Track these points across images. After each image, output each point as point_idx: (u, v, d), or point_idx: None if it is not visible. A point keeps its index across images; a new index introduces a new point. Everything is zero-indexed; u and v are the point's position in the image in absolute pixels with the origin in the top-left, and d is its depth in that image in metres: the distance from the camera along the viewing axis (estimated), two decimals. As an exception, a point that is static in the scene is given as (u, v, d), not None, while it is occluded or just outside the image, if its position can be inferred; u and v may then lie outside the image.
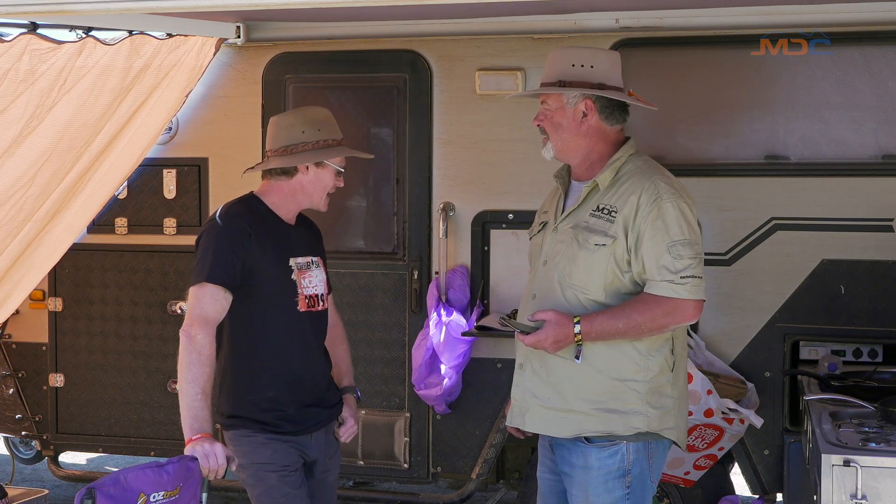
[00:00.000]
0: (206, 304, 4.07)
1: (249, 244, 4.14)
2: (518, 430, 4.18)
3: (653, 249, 3.86)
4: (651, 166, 4.03)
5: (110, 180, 5.91)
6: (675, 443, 4.05)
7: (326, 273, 4.43)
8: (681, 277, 3.84)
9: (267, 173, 4.30)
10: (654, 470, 4.03)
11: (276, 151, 4.24)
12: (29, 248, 5.69)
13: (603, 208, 3.95)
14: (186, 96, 5.93)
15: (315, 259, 4.35)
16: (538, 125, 4.07)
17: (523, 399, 4.07)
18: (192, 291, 4.11)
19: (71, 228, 5.92)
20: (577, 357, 3.91)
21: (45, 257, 5.90)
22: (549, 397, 3.99)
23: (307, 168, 4.23)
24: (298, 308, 4.23)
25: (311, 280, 4.29)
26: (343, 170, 4.30)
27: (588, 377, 3.93)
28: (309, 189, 4.26)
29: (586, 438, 3.95)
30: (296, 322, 4.23)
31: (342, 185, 4.33)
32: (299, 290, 4.23)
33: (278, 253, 4.22)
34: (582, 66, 4.00)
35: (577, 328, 3.86)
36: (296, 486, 4.20)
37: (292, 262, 4.25)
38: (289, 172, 4.24)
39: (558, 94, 3.99)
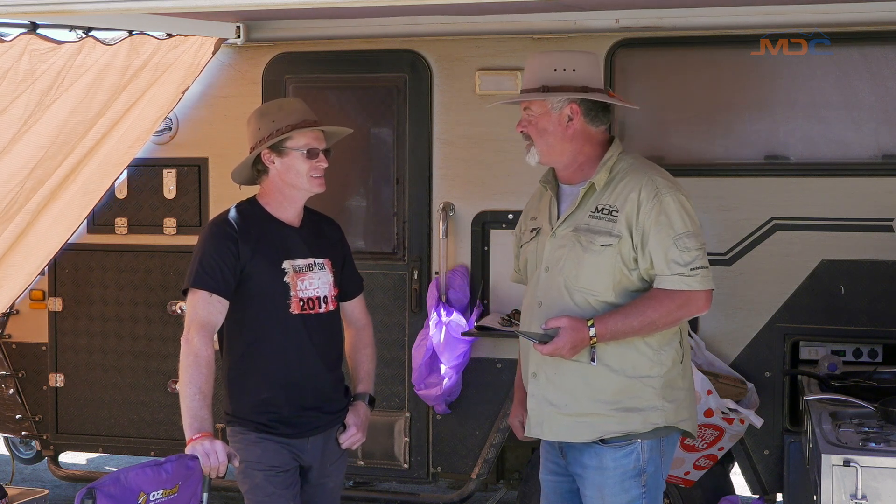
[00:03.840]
0: (198, 309, 4.12)
1: (236, 248, 4.16)
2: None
3: (660, 245, 3.87)
4: (643, 163, 4.04)
5: (103, 174, 5.90)
6: (688, 433, 4.06)
7: (335, 274, 4.36)
8: (691, 269, 3.85)
9: (256, 177, 4.32)
10: (666, 467, 4.05)
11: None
12: (22, 241, 5.69)
13: (602, 208, 3.95)
14: (183, 93, 5.91)
15: (319, 261, 4.32)
16: (522, 131, 4.06)
17: (539, 409, 4.03)
18: (187, 299, 4.18)
19: (63, 219, 5.91)
20: (593, 359, 3.91)
21: (40, 252, 5.89)
22: (566, 403, 3.97)
23: (272, 161, 4.23)
24: (291, 310, 4.22)
25: (311, 282, 4.27)
26: (312, 149, 4.21)
27: (603, 378, 3.93)
28: (288, 179, 4.24)
29: (601, 439, 3.95)
30: (289, 325, 4.22)
31: (325, 163, 4.25)
32: (293, 293, 4.22)
33: (271, 255, 4.21)
34: (564, 69, 3.98)
35: (592, 331, 3.86)
36: (282, 486, 4.19)
37: (287, 264, 4.23)
38: (265, 171, 4.26)
39: (542, 99, 3.98)
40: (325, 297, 4.31)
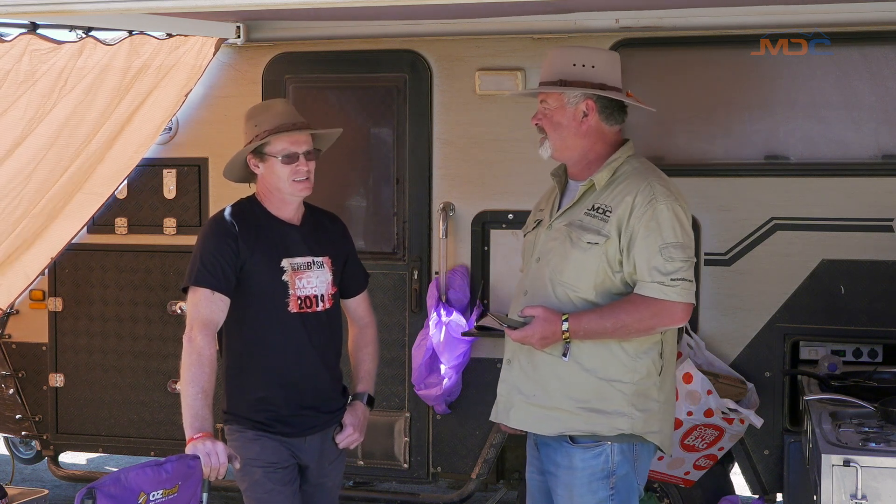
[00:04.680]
0: (200, 308, 4.10)
1: (236, 246, 4.15)
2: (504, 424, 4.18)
3: (645, 250, 3.86)
4: (648, 168, 4.02)
5: (108, 177, 5.92)
6: (658, 448, 4.03)
7: (335, 272, 4.35)
8: (671, 279, 3.83)
9: (251, 177, 4.33)
10: (640, 472, 4.02)
11: None
12: (25, 243, 5.70)
13: (598, 207, 3.95)
14: (186, 96, 5.92)
15: (319, 259, 4.31)
16: (536, 124, 4.07)
17: (508, 395, 4.07)
18: (188, 297, 4.16)
19: (69, 224, 5.92)
20: (565, 355, 3.91)
21: (41, 252, 5.90)
22: (535, 394, 3.98)
23: (257, 166, 4.23)
24: (289, 309, 4.21)
25: (310, 281, 4.26)
26: (288, 154, 4.15)
27: (574, 376, 3.93)
28: (271, 183, 4.23)
29: (571, 438, 3.95)
30: (287, 323, 4.22)
31: (305, 167, 4.19)
32: (291, 291, 4.21)
33: (269, 253, 4.21)
34: (583, 65, 3.99)
35: (565, 325, 3.85)
36: (281, 483, 4.19)
37: (286, 262, 4.23)
38: (256, 173, 4.27)
39: (559, 93, 3.99)
40: (323, 295, 4.30)
